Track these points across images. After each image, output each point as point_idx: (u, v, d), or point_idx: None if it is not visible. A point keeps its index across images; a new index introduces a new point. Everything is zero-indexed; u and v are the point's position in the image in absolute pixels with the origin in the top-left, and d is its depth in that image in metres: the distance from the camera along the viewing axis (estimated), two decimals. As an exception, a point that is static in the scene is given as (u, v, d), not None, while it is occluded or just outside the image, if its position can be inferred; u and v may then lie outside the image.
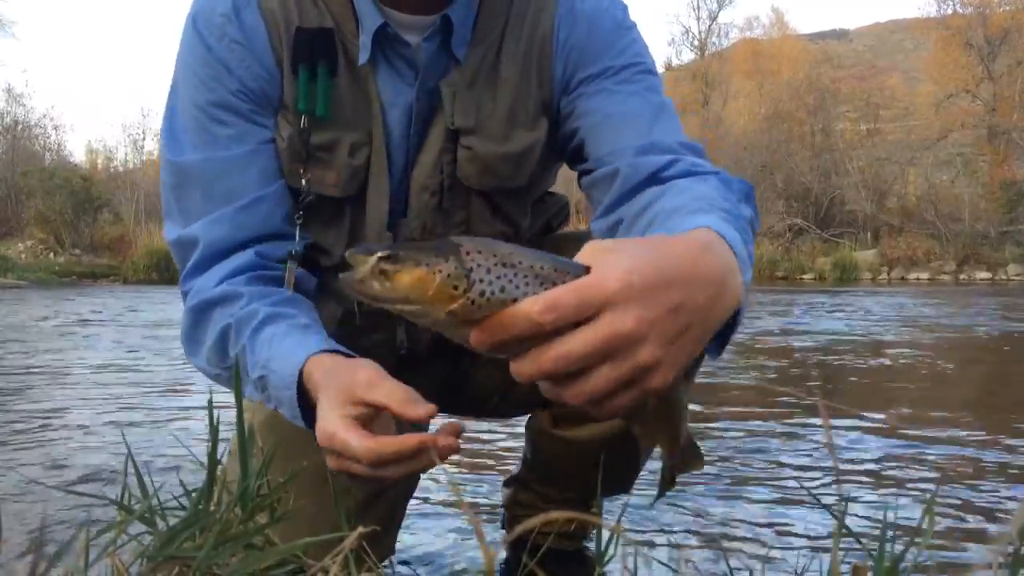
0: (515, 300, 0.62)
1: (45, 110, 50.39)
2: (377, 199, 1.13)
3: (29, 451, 2.29)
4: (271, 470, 0.79)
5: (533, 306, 0.61)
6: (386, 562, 1.38)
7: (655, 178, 1.04)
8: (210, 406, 0.73)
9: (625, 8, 1.19)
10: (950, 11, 29.98)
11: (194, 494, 0.72)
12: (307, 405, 0.93)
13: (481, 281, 0.62)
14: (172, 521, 0.71)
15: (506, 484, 1.52)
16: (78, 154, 41.19)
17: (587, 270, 0.64)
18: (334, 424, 0.83)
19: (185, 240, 1.10)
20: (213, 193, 1.09)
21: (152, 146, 34.62)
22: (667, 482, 0.85)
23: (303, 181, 1.11)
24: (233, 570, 0.66)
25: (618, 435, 1.25)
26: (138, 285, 17.35)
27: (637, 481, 1.36)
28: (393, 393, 0.83)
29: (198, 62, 1.08)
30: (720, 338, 0.78)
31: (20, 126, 29.67)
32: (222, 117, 1.09)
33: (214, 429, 0.74)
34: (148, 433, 2.54)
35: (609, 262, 0.64)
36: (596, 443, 1.26)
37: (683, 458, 0.83)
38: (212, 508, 0.71)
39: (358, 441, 0.80)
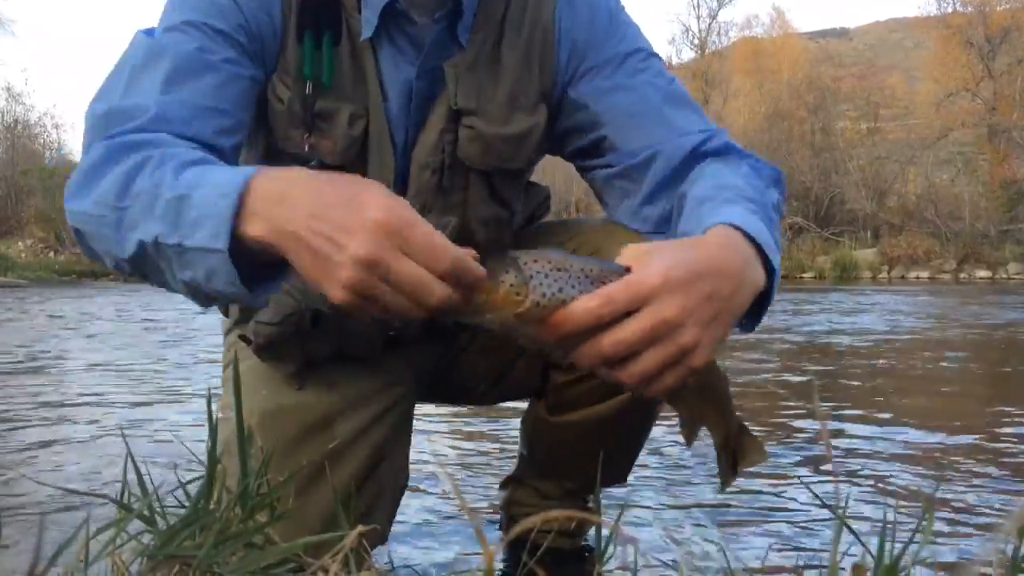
0: (572, 299, 0.74)
1: (46, 109, 50.37)
2: (380, 174, 1.12)
3: (28, 450, 2.29)
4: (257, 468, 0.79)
5: (591, 302, 0.74)
6: (386, 560, 1.38)
7: (696, 153, 1.11)
8: (209, 405, 0.73)
9: None
10: (950, 10, 29.96)
11: (194, 493, 0.72)
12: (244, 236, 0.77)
13: (540, 285, 0.73)
14: (172, 520, 0.71)
15: (503, 486, 1.52)
16: (78, 153, 41.07)
17: (628, 270, 0.78)
18: (408, 208, 0.73)
19: (122, 109, 0.93)
20: (182, 86, 0.96)
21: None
22: (729, 472, 0.92)
23: (306, 147, 1.09)
24: (233, 569, 0.66)
25: (613, 416, 1.26)
26: (138, 285, 17.34)
27: (653, 484, 1.36)
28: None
29: None
30: (756, 317, 0.92)
31: (20, 125, 29.65)
32: (219, 41, 1.02)
33: (213, 428, 0.74)
34: (148, 431, 2.54)
35: (650, 262, 0.78)
36: (592, 424, 1.27)
37: (739, 447, 0.90)
38: (212, 507, 0.71)
39: (442, 236, 0.73)
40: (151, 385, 3.60)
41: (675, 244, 0.85)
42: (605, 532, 0.73)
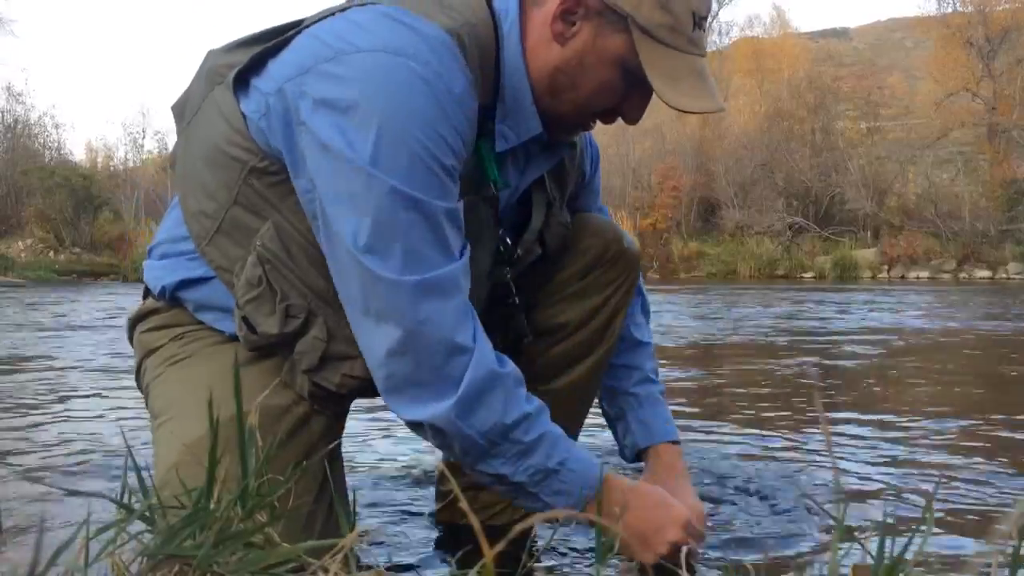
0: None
1: (46, 108, 50.27)
2: (483, 254, 1.29)
3: (28, 450, 2.29)
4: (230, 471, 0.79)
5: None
6: (386, 560, 1.38)
7: None
8: (210, 406, 0.73)
9: None
10: (950, 9, 29.97)
11: (194, 492, 0.72)
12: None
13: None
14: (172, 519, 0.71)
15: (441, 480, 1.67)
16: (78, 152, 41.07)
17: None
18: (692, 513, 1.29)
19: (441, 281, 1.10)
20: (452, 240, 1.13)
21: (152, 145, 34.55)
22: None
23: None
24: (233, 569, 0.66)
25: (588, 377, 1.52)
26: (139, 284, 17.32)
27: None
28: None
29: (440, 121, 1.09)
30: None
31: (20, 125, 29.64)
32: (455, 178, 1.13)
33: (214, 428, 0.74)
34: (148, 431, 2.54)
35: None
36: (576, 387, 1.51)
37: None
38: (212, 507, 0.72)
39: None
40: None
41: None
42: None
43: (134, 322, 1.40)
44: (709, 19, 1.26)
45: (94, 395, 3.33)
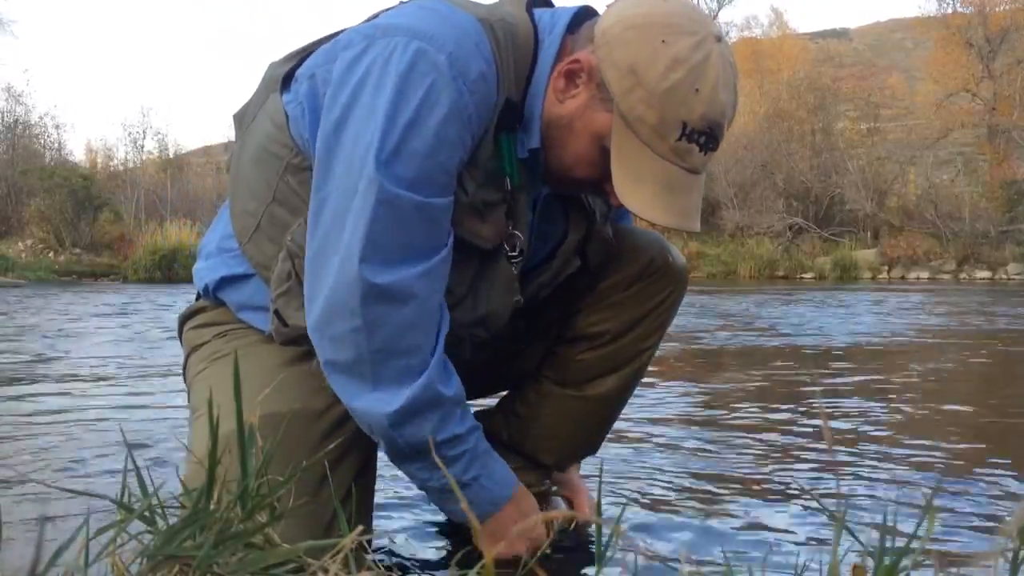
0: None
1: (46, 109, 50.15)
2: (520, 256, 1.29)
3: (27, 449, 2.29)
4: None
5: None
6: (385, 560, 1.38)
7: None
8: (210, 406, 0.73)
9: None
10: (950, 10, 29.93)
11: (194, 493, 0.72)
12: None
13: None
14: (172, 520, 0.71)
15: None
16: (78, 153, 41.00)
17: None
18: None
19: (396, 290, 1.10)
20: (419, 240, 1.12)
21: (152, 145, 34.51)
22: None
23: (509, 239, 1.27)
24: (233, 569, 0.66)
25: (616, 393, 1.51)
26: (139, 284, 17.34)
27: (652, 485, 1.36)
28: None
29: (445, 111, 1.09)
30: None
31: (21, 125, 29.59)
32: (449, 171, 1.12)
33: (214, 428, 0.74)
34: (148, 431, 2.54)
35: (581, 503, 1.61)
36: (612, 395, 1.51)
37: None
38: (212, 507, 0.71)
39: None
40: (152, 383, 3.61)
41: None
42: (606, 532, 0.73)
43: (183, 319, 1.45)
44: (715, 137, 1.19)
45: (95, 395, 3.33)
